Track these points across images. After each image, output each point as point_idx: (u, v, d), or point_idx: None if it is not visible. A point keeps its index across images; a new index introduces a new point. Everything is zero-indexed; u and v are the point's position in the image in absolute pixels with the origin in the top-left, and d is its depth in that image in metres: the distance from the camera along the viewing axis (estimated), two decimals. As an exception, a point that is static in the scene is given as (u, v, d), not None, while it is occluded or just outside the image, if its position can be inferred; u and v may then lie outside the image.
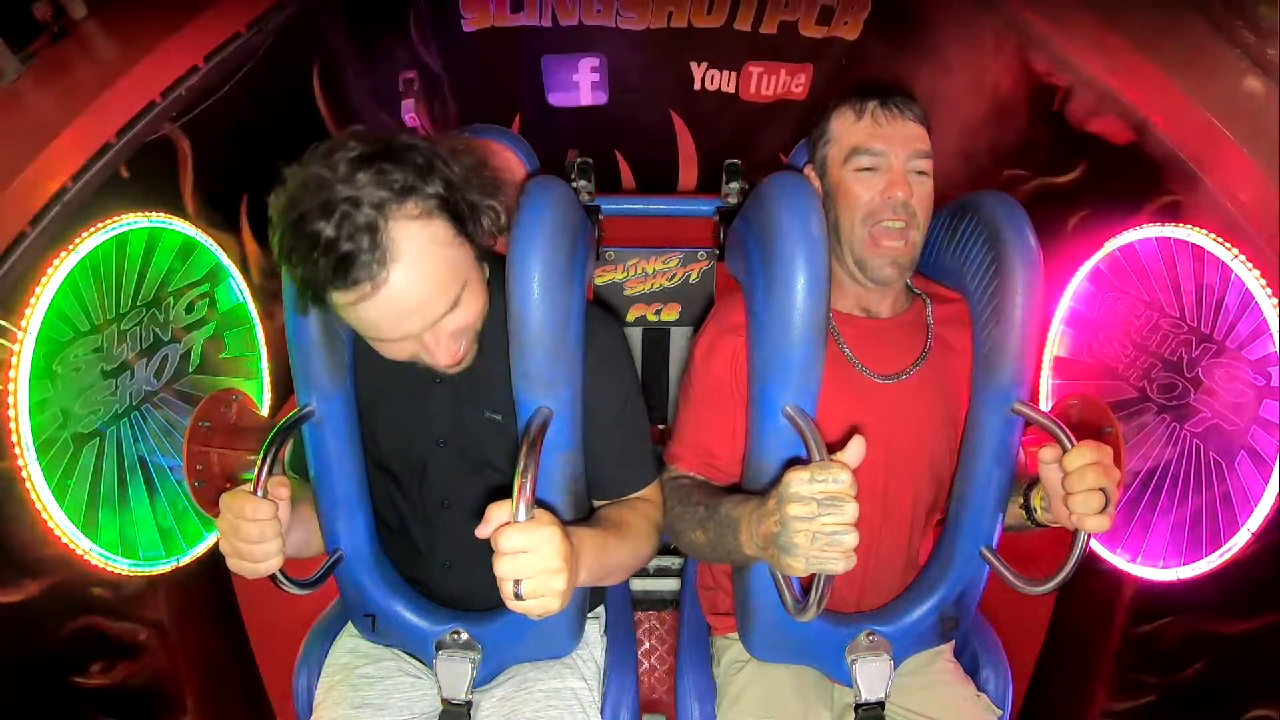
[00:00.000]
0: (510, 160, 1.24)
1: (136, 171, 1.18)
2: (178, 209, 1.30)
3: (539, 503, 0.84)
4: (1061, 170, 1.49)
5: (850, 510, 0.81)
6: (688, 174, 2.38)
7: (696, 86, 2.18)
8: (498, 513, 0.81)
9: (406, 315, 0.85)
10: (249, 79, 1.37)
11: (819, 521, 0.81)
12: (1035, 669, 1.62)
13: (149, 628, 1.31)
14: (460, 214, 0.88)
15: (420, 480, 1.10)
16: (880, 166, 1.08)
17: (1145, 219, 1.27)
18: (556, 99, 2.17)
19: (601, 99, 2.16)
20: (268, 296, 1.51)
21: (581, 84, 2.14)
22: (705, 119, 2.26)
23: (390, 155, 0.83)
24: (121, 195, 1.16)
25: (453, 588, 1.14)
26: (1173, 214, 1.23)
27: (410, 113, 2.03)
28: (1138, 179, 1.28)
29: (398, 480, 1.11)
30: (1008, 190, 1.14)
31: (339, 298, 0.83)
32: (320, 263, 0.79)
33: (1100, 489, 0.91)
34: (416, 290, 0.84)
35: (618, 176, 2.36)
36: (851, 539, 0.81)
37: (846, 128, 1.11)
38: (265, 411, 1.51)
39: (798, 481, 0.83)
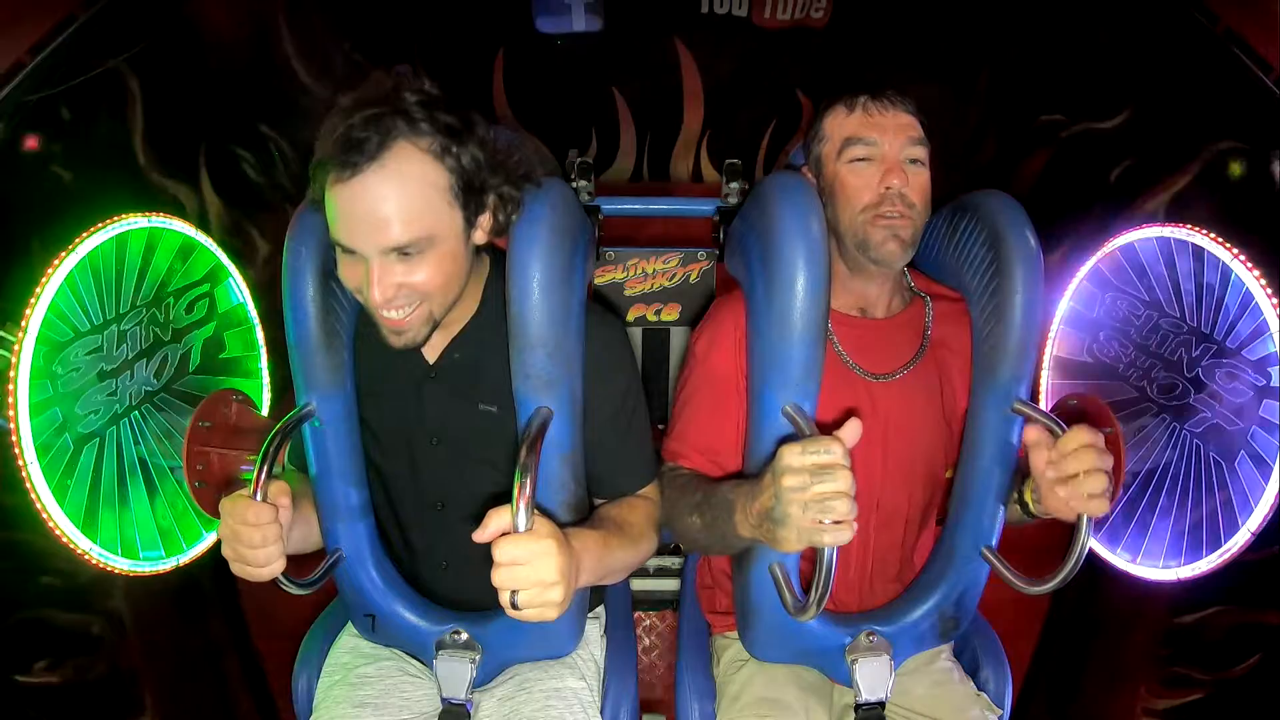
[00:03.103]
0: None
1: (79, 113, 1.07)
2: (127, 157, 1.20)
3: (538, 506, 0.84)
4: (1104, 115, 1.37)
5: (844, 478, 0.81)
6: (693, 114, 2.17)
7: (704, 8, 1.98)
8: (496, 519, 0.81)
9: (360, 221, 0.87)
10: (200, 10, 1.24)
11: (812, 490, 0.82)
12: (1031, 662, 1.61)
13: (102, 618, 1.24)
14: (469, 184, 0.91)
15: (414, 480, 1.09)
16: (874, 156, 1.08)
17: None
18: (545, 24, 1.99)
19: (595, 24, 1.98)
20: (267, 296, 1.50)
21: (573, 5, 1.95)
22: (712, 47, 2.05)
23: (446, 103, 0.90)
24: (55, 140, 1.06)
25: (450, 589, 1.14)
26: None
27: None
28: (1198, 121, 1.14)
29: (394, 480, 1.11)
30: (1041, 138, 1.06)
31: (331, 177, 0.87)
32: (335, 140, 0.86)
33: (1099, 469, 0.91)
34: (378, 203, 0.86)
35: (615, 118, 2.17)
36: (845, 506, 0.81)
37: (839, 123, 1.11)
38: (265, 411, 1.51)
39: (790, 453, 0.84)
